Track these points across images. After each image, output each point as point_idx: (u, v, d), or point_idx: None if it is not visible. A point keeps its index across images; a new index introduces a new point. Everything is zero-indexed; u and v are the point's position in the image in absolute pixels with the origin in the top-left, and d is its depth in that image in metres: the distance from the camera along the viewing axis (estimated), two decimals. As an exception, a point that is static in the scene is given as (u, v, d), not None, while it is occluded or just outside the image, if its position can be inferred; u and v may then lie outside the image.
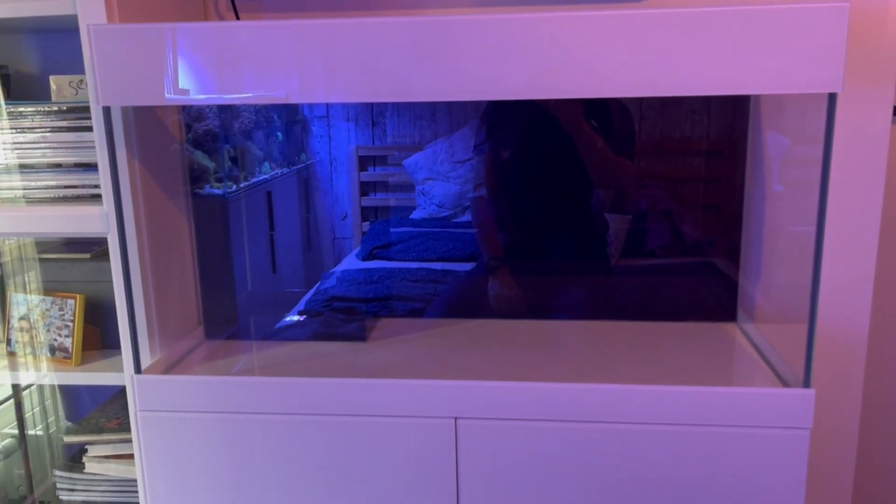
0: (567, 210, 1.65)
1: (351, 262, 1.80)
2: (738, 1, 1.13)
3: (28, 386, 1.59)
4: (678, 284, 1.66)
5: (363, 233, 1.82)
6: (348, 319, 1.56)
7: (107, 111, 1.17)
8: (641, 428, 1.16)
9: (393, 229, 1.80)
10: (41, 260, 1.47)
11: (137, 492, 1.31)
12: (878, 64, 1.26)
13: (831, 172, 1.06)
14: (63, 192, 1.31)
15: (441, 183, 1.76)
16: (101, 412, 1.49)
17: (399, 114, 1.74)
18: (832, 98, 1.03)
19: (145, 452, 1.27)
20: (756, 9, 1.00)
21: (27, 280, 1.48)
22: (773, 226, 1.34)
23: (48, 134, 1.30)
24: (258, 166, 1.76)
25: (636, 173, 1.66)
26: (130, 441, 1.32)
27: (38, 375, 1.47)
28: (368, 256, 1.78)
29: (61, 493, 1.46)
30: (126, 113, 1.20)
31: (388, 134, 1.75)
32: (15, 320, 1.47)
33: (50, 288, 1.46)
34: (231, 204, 1.65)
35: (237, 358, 1.39)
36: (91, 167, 1.29)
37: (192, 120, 1.56)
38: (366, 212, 1.81)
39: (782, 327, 1.30)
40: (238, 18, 1.45)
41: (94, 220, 1.26)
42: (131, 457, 1.35)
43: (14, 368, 1.46)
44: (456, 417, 1.19)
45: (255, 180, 1.74)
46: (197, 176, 1.54)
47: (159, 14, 1.31)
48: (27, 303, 1.46)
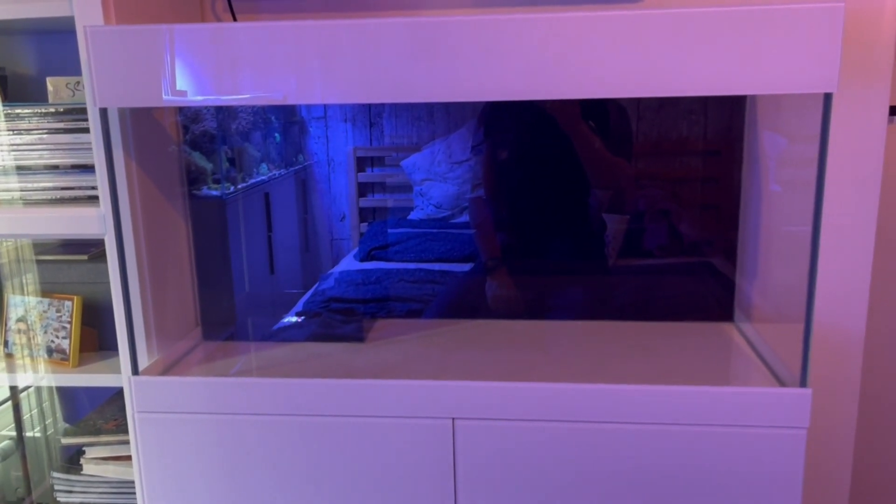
0: (565, 210, 1.65)
1: (349, 263, 1.80)
2: (734, 1, 1.13)
3: (26, 388, 1.59)
4: (675, 284, 1.66)
5: (361, 234, 1.81)
6: (346, 320, 1.56)
7: (104, 113, 1.17)
8: (638, 428, 1.16)
9: (391, 230, 1.80)
10: (38, 261, 1.47)
11: (135, 493, 1.31)
12: (874, 64, 1.26)
13: (827, 172, 1.06)
14: (60, 194, 1.31)
15: (439, 184, 1.76)
16: (99, 414, 1.49)
17: (397, 115, 1.74)
18: (827, 98, 1.03)
19: (143, 454, 1.27)
20: (751, 9, 1.00)
21: (24, 282, 1.48)
22: (770, 225, 1.35)
23: (45, 135, 1.30)
24: (256, 167, 1.76)
25: (633, 173, 1.66)
26: (128, 442, 1.32)
27: (36, 377, 1.47)
28: (366, 257, 1.78)
29: (59, 495, 1.46)
30: (123, 114, 1.20)
31: (386, 135, 1.75)
32: (12, 322, 1.47)
33: (47, 289, 1.46)
34: (229, 205, 1.65)
35: (235, 359, 1.39)
36: (88, 169, 1.29)
37: (190, 121, 1.56)
38: (364, 213, 1.81)
39: (779, 327, 1.30)
40: (235, 20, 1.45)
41: (92, 222, 1.26)
42: (129, 458, 1.35)
43: (12, 370, 1.45)
44: (453, 418, 1.19)
45: (253, 181, 1.74)
46: (194, 177, 1.54)
47: (156, 15, 1.31)
48: (24, 304, 1.46)
